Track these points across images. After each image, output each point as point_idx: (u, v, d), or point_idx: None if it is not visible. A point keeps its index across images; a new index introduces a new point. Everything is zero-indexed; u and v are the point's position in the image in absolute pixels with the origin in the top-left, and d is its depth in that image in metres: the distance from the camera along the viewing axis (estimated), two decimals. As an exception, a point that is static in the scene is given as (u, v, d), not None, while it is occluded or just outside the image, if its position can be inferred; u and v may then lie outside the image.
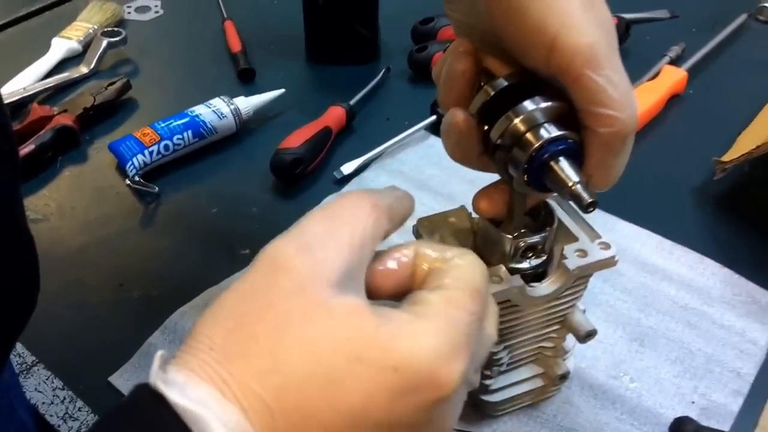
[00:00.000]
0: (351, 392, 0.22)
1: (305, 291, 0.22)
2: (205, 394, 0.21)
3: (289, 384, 0.21)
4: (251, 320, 0.22)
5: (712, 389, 0.42)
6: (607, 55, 0.26)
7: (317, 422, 0.21)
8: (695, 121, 0.62)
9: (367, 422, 0.22)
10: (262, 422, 0.21)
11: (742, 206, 0.54)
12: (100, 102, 0.61)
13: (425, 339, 0.23)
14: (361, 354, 0.22)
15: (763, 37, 0.71)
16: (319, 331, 0.22)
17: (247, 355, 0.22)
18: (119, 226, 0.53)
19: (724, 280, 0.48)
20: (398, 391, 0.22)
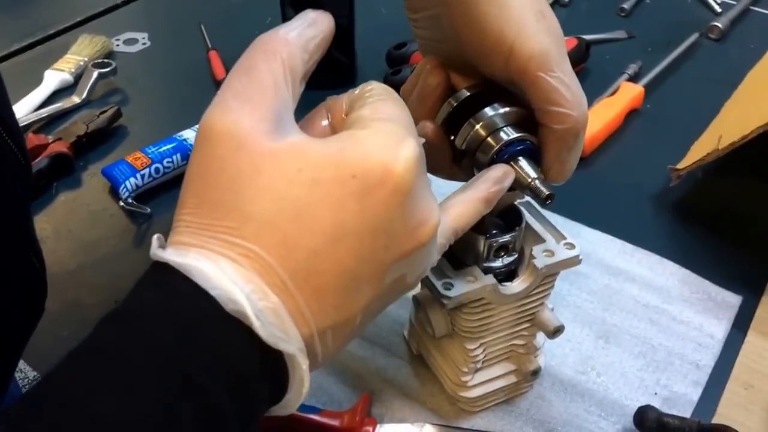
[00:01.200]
0: (321, 213, 0.23)
1: (245, 146, 0.23)
2: (196, 254, 0.23)
3: (263, 227, 0.23)
4: (210, 190, 0.23)
5: (673, 381, 0.45)
6: (558, 59, 0.30)
7: (303, 248, 0.23)
8: (652, 133, 0.65)
9: (345, 233, 0.23)
10: (253, 265, 0.22)
11: (697, 210, 0.57)
12: (93, 130, 0.63)
13: (370, 140, 0.24)
14: (317, 177, 0.23)
15: (713, 54, 0.75)
16: (271, 174, 0.23)
17: (219, 219, 0.23)
18: (114, 246, 0.55)
19: (683, 279, 0.51)
20: (362, 193, 0.23)
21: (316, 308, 0.23)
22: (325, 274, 0.23)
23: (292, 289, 0.23)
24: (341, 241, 0.23)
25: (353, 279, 0.24)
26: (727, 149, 0.51)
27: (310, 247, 0.23)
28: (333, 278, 0.24)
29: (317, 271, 0.23)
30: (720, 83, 0.68)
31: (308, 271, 0.23)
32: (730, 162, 0.54)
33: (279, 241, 0.23)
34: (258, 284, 0.23)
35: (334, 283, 0.24)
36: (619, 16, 0.81)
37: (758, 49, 0.71)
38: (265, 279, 0.23)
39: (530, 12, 0.30)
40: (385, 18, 0.80)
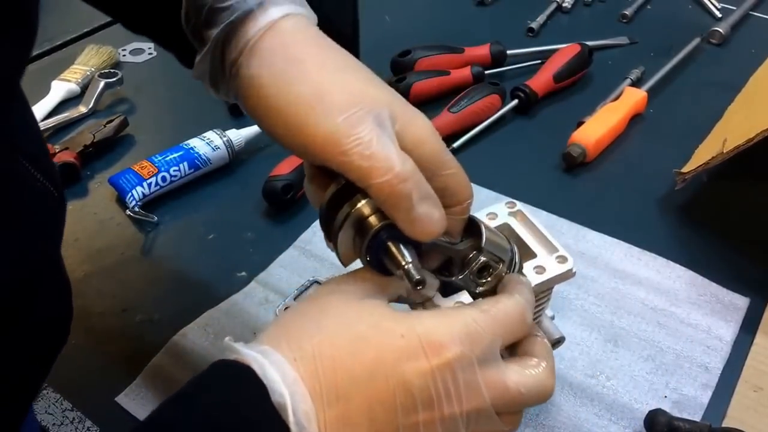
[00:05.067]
0: (369, 349, 0.28)
1: (347, 292, 0.30)
2: (263, 348, 0.28)
3: (325, 340, 0.28)
4: (304, 312, 0.30)
5: (683, 383, 0.45)
6: (346, 133, 0.29)
7: (344, 369, 0.28)
8: (656, 138, 0.65)
9: (379, 376, 0.28)
10: (306, 368, 0.28)
11: (703, 213, 0.57)
12: (100, 139, 0.63)
13: (428, 319, 0.29)
14: (378, 323, 0.29)
15: (715, 58, 0.76)
16: (350, 310, 0.29)
17: (298, 326, 0.29)
18: (121, 254, 0.55)
19: (690, 282, 0.51)
20: (403, 353, 0.28)
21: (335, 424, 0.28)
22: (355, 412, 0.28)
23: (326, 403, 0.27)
24: (375, 381, 0.28)
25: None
26: (732, 152, 0.51)
27: (349, 372, 0.28)
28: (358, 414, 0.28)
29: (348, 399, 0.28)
30: (722, 87, 0.68)
31: (339, 397, 0.28)
32: (735, 165, 0.54)
33: (330, 355, 0.28)
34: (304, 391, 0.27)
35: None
36: (621, 23, 0.82)
37: (759, 53, 0.72)
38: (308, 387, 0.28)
39: (312, 93, 0.30)
40: (389, 26, 0.81)
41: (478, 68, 0.71)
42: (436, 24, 0.83)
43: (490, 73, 0.72)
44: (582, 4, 0.85)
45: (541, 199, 0.57)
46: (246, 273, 0.53)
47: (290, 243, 0.55)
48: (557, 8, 0.84)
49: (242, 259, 0.54)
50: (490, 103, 0.66)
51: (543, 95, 0.69)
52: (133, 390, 0.45)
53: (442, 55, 0.72)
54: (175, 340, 0.48)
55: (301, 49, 0.31)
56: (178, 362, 0.46)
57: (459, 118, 0.65)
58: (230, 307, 0.50)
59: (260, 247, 0.55)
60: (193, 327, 0.49)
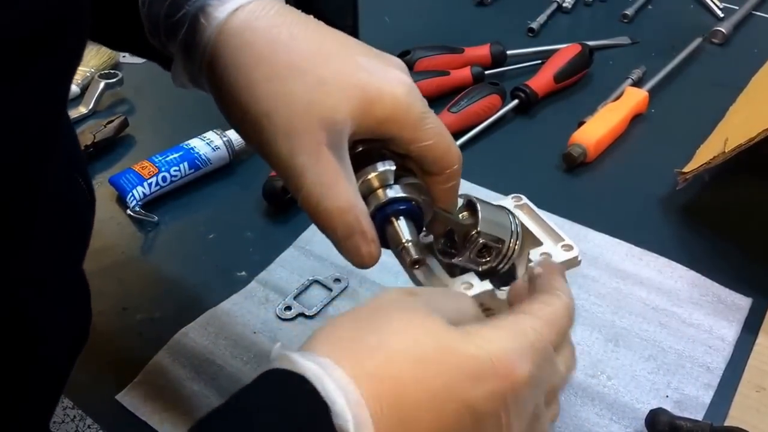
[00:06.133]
0: (435, 372, 0.25)
1: (411, 304, 0.27)
2: (323, 362, 0.25)
3: (389, 359, 0.25)
4: (364, 322, 0.27)
5: (685, 383, 0.45)
6: (288, 164, 0.30)
7: (409, 393, 0.25)
8: (657, 137, 0.65)
9: (447, 401, 0.25)
10: (368, 389, 0.25)
11: (704, 213, 0.57)
12: (100, 139, 0.64)
13: (498, 340, 0.27)
14: (446, 343, 0.26)
15: (717, 58, 0.76)
16: (415, 327, 0.26)
17: (357, 339, 0.26)
18: (122, 254, 0.55)
19: (691, 282, 0.51)
20: (473, 376, 0.26)
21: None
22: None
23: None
24: (442, 406, 0.26)
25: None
26: (733, 152, 0.51)
27: (412, 397, 0.25)
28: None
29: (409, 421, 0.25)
30: (724, 87, 0.68)
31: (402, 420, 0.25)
32: (736, 165, 0.54)
33: (392, 376, 0.25)
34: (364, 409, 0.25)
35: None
36: (622, 22, 0.81)
37: (761, 53, 0.72)
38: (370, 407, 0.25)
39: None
40: (389, 26, 0.81)
41: (479, 68, 0.71)
42: (436, 24, 0.83)
43: (491, 74, 0.72)
44: (582, 4, 0.85)
45: (541, 199, 0.56)
46: (246, 272, 0.53)
47: (290, 243, 0.55)
48: (558, 8, 0.84)
49: (242, 258, 0.54)
50: (491, 103, 0.66)
51: (543, 95, 0.69)
52: (133, 388, 0.45)
53: (442, 55, 0.72)
54: (176, 338, 0.48)
55: (248, 53, 0.31)
56: (178, 361, 0.46)
57: (459, 118, 0.65)
58: (231, 306, 0.50)
59: (260, 246, 0.55)
60: (194, 326, 0.49)
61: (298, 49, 0.31)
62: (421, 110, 0.32)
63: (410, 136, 0.32)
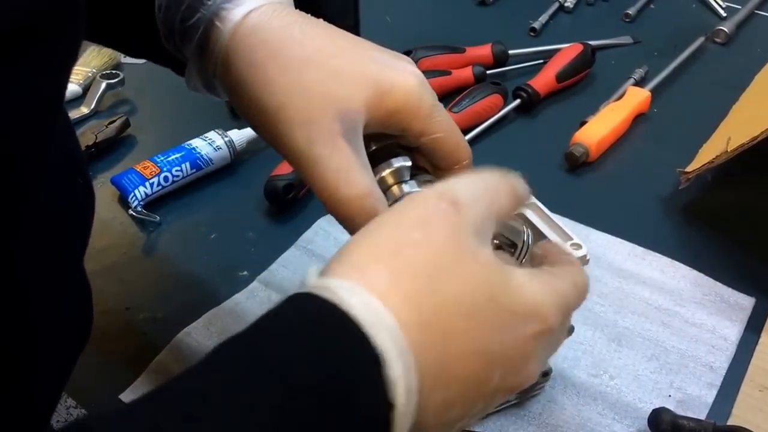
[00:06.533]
0: (481, 326, 0.25)
1: (457, 236, 0.26)
2: (372, 302, 0.23)
3: (442, 306, 0.24)
4: (411, 250, 0.25)
5: (687, 383, 0.45)
6: (306, 154, 0.30)
7: (456, 345, 0.24)
8: (660, 137, 0.65)
9: (489, 351, 0.25)
10: (417, 336, 0.23)
11: (707, 212, 0.57)
12: (102, 139, 0.64)
13: (537, 289, 0.27)
14: (495, 296, 0.26)
15: (719, 58, 0.76)
16: (467, 270, 0.25)
17: (412, 275, 0.24)
18: (124, 254, 0.55)
19: (694, 281, 0.51)
20: (513, 326, 0.26)
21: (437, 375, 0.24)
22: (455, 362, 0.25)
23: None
24: (484, 359, 0.25)
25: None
26: (736, 151, 0.51)
27: (460, 348, 0.25)
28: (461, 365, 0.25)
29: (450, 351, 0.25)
30: (726, 87, 0.68)
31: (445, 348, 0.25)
32: (740, 164, 0.54)
33: (443, 327, 0.24)
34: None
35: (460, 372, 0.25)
36: (624, 22, 0.81)
37: (764, 52, 0.71)
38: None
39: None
40: (390, 26, 0.81)
41: (480, 68, 0.71)
42: (437, 24, 0.83)
43: (492, 73, 0.72)
44: (584, 4, 0.85)
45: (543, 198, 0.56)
46: (248, 272, 0.53)
47: (292, 242, 0.55)
48: (559, 8, 0.84)
49: (244, 258, 0.54)
50: (492, 103, 0.66)
51: (545, 95, 0.69)
52: (136, 388, 0.45)
53: (444, 55, 0.72)
54: (179, 338, 0.48)
55: (263, 50, 0.32)
56: (181, 361, 0.46)
57: (461, 117, 0.65)
58: (233, 306, 0.50)
59: (262, 246, 0.55)
60: (196, 326, 0.49)
61: (311, 43, 0.32)
62: (432, 102, 0.32)
63: (421, 128, 0.32)
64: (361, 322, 0.23)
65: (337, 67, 0.31)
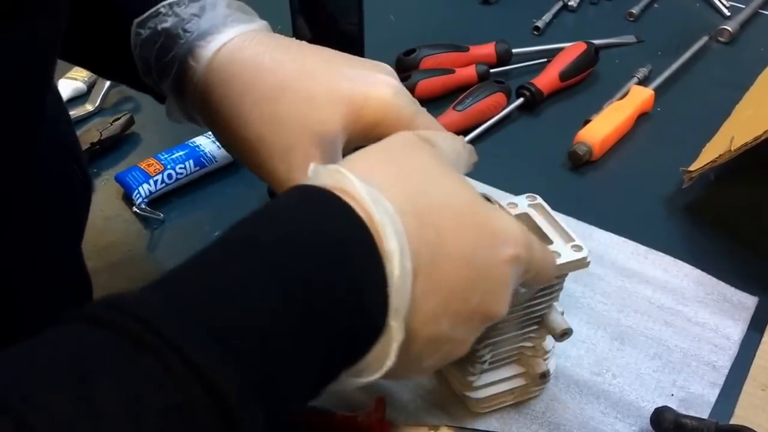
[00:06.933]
0: (467, 235, 0.27)
1: (438, 159, 0.29)
2: (373, 191, 0.25)
3: (433, 206, 0.27)
4: (403, 161, 0.28)
5: (690, 382, 0.45)
6: (288, 181, 0.32)
7: (446, 246, 0.27)
8: (663, 136, 0.65)
9: (475, 262, 0.27)
10: (412, 226, 0.26)
11: (710, 212, 0.57)
12: (106, 137, 0.64)
13: (511, 220, 0.30)
14: (477, 209, 0.28)
15: (723, 57, 0.75)
16: (454, 183, 0.28)
17: (405, 177, 0.27)
18: (127, 251, 0.55)
19: (697, 280, 0.51)
20: (493, 244, 0.28)
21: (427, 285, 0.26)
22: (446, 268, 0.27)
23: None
24: (469, 266, 0.28)
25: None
26: (739, 150, 0.50)
27: (448, 249, 0.27)
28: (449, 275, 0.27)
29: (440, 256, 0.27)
30: (730, 86, 0.68)
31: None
32: (743, 163, 0.54)
33: (433, 224, 0.27)
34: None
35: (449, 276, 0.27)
36: (628, 21, 0.81)
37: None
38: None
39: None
40: (394, 25, 0.81)
41: (484, 67, 0.71)
42: (441, 22, 0.83)
43: (496, 72, 0.72)
44: (588, 3, 0.85)
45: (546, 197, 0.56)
46: (251, 270, 0.53)
47: (295, 240, 0.55)
48: (563, 7, 0.83)
49: (248, 256, 0.54)
50: (496, 102, 0.66)
51: (549, 94, 0.69)
52: (138, 386, 0.45)
53: (447, 53, 0.72)
54: (181, 336, 0.48)
55: (236, 84, 0.33)
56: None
57: (464, 116, 0.65)
58: (236, 303, 0.50)
59: (266, 244, 0.55)
60: (198, 323, 0.49)
61: (283, 70, 0.33)
62: (412, 110, 0.33)
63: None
64: (363, 201, 0.25)
65: (311, 91, 0.32)
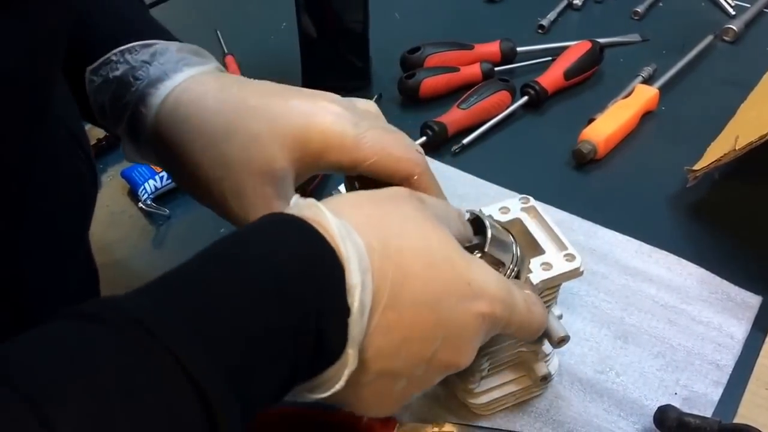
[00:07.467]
0: (436, 282, 0.28)
1: (423, 212, 0.30)
2: (346, 225, 0.27)
3: (405, 250, 0.28)
4: (386, 205, 0.29)
5: (694, 380, 0.45)
6: (245, 218, 0.33)
7: (412, 288, 0.28)
8: (668, 135, 0.65)
9: (439, 309, 0.28)
10: (380, 265, 0.27)
11: (714, 211, 0.57)
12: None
13: (492, 278, 0.31)
14: (453, 259, 0.29)
15: (728, 56, 0.75)
16: (432, 232, 0.29)
17: (381, 219, 0.28)
18: (133, 247, 0.56)
19: (701, 279, 0.51)
20: (464, 296, 0.29)
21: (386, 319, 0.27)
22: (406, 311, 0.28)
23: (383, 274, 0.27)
24: (433, 313, 0.28)
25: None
26: (744, 149, 0.50)
27: (414, 293, 0.28)
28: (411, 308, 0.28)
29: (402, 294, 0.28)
30: (735, 85, 0.68)
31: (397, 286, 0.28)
32: (747, 163, 0.54)
33: (400, 266, 0.28)
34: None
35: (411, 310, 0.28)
36: (633, 20, 0.81)
37: (773, 51, 0.71)
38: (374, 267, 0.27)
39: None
40: (399, 23, 0.81)
41: (488, 65, 0.71)
42: (445, 21, 0.83)
43: (500, 70, 0.72)
44: (593, 1, 0.85)
45: (551, 195, 0.57)
46: (256, 267, 0.53)
47: (300, 237, 0.55)
48: (568, 5, 0.83)
49: (253, 252, 0.54)
50: (500, 100, 0.66)
51: (553, 92, 0.69)
52: (144, 381, 0.45)
53: (452, 51, 0.72)
54: (186, 332, 0.48)
55: (183, 129, 0.34)
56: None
57: (469, 114, 0.65)
58: (241, 300, 0.51)
59: (270, 241, 0.55)
60: (203, 319, 0.49)
61: (225, 111, 0.33)
62: (355, 132, 0.33)
63: (352, 159, 0.33)
64: (334, 234, 0.26)
65: (255, 131, 0.32)
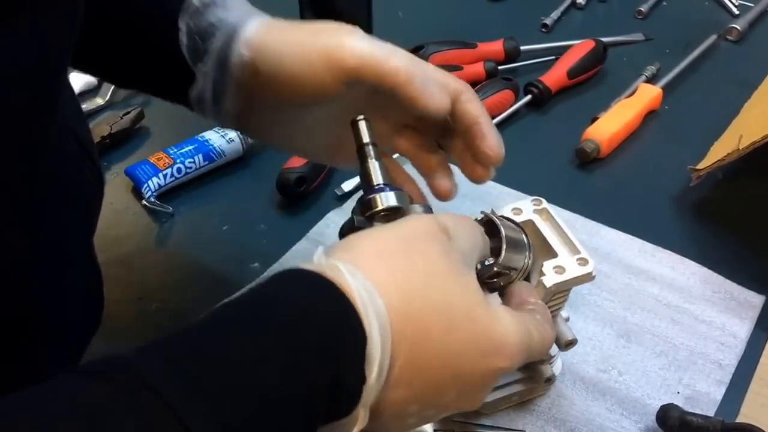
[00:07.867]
0: (456, 343, 0.28)
1: (449, 256, 0.29)
2: (368, 285, 0.26)
3: (426, 309, 0.27)
4: (412, 255, 0.29)
5: (696, 380, 0.45)
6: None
7: (431, 350, 0.27)
8: (671, 134, 0.65)
9: (457, 366, 0.28)
10: (398, 325, 0.26)
11: (718, 210, 0.57)
12: (116, 131, 0.64)
13: (513, 330, 0.30)
14: (475, 316, 0.29)
15: (732, 55, 0.75)
16: (455, 284, 0.29)
17: (407, 275, 0.28)
18: (136, 244, 0.56)
19: (704, 279, 0.51)
20: (484, 353, 0.29)
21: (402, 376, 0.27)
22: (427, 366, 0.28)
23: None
24: (449, 370, 0.28)
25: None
26: (747, 149, 0.50)
27: (432, 351, 0.28)
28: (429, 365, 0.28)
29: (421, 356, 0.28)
30: (739, 85, 0.68)
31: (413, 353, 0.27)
32: (750, 162, 0.54)
33: (420, 327, 0.28)
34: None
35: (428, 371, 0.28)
36: (637, 19, 0.81)
37: (777, 50, 0.71)
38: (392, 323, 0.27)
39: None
40: (402, 21, 0.81)
41: (492, 63, 0.71)
42: (449, 19, 0.83)
43: (504, 69, 0.72)
44: (597, 0, 0.85)
45: (554, 194, 0.56)
46: (259, 264, 0.53)
47: (303, 235, 0.56)
48: (571, 4, 0.83)
49: (256, 250, 0.54)
50: (504, 99, 0.66)
51: (557, 91, 0.69)
52: (148, 377, 0.45)
53: (456, 50, 0.72)
54: (190, 329, 0.48)
55: (279, 33, 0.36)
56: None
57: (472, 113, 0.65)
58: (244, 297, 0.51)
59: (273, 238, 0.56)
60: (207, 316, 0.49)
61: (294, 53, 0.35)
62: (384, 51, 0.34)
63: (385, 71, 0.33)
64: (356, 301, 0.26)
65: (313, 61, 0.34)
